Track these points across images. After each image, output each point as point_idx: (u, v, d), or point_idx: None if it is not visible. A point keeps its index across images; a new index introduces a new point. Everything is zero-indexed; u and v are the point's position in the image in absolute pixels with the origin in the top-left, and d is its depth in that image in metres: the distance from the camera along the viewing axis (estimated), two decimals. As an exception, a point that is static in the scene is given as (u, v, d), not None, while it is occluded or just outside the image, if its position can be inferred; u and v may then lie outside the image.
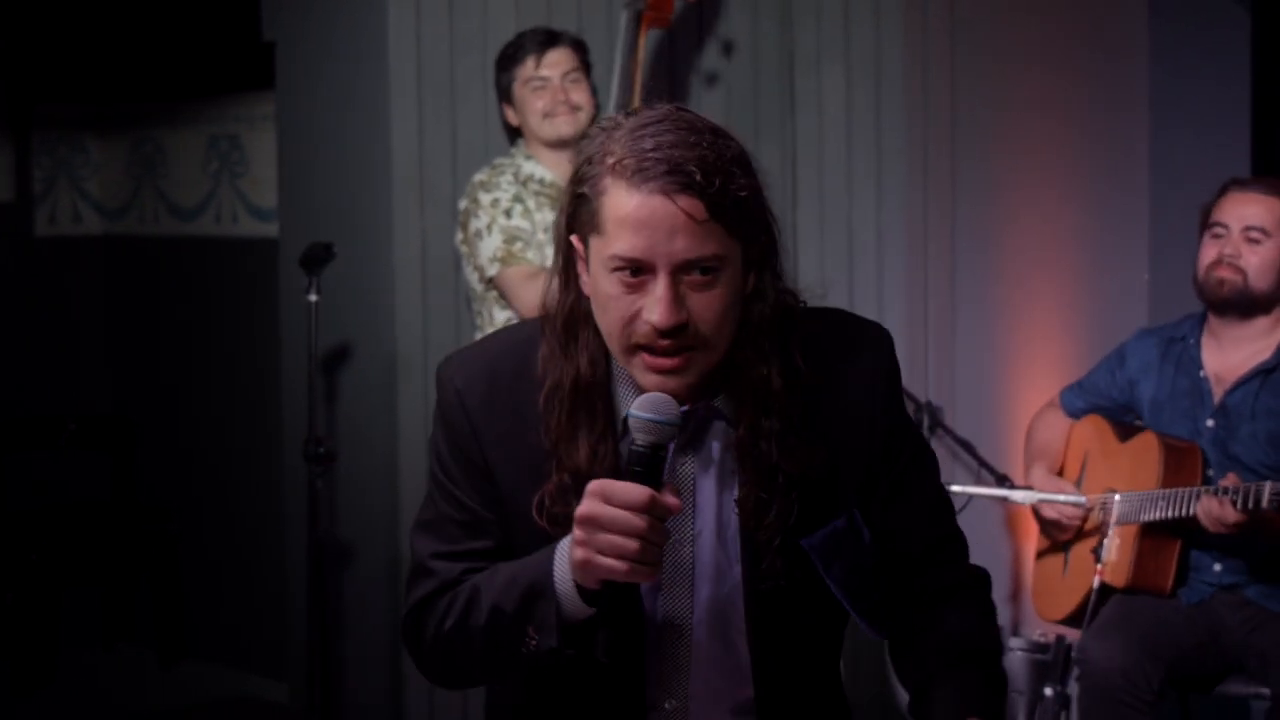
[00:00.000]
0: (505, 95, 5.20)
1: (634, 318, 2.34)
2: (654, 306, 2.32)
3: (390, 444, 5.33)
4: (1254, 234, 4.53)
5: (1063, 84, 5.43)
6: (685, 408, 2.39)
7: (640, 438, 2.29)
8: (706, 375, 2.40)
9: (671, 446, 2.34)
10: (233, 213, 6.85)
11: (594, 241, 2.37)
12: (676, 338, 2.33)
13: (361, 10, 5.37)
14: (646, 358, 2.35)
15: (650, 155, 2.32)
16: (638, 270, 2.33)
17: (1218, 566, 4.53)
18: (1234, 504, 4.23)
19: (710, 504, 2.46)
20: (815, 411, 2.45)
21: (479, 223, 5.04)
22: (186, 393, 7.08)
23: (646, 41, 5.16)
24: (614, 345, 2.39)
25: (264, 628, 6.51)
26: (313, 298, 5.14)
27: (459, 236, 5.13)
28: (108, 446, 7.17)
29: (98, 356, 7.39)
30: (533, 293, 4.99)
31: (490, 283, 5.05)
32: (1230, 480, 4.29)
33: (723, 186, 2.31)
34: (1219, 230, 4.56)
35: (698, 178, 2.30)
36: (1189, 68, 5.31)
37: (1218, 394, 4.58)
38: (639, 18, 5.10)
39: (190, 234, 7.05)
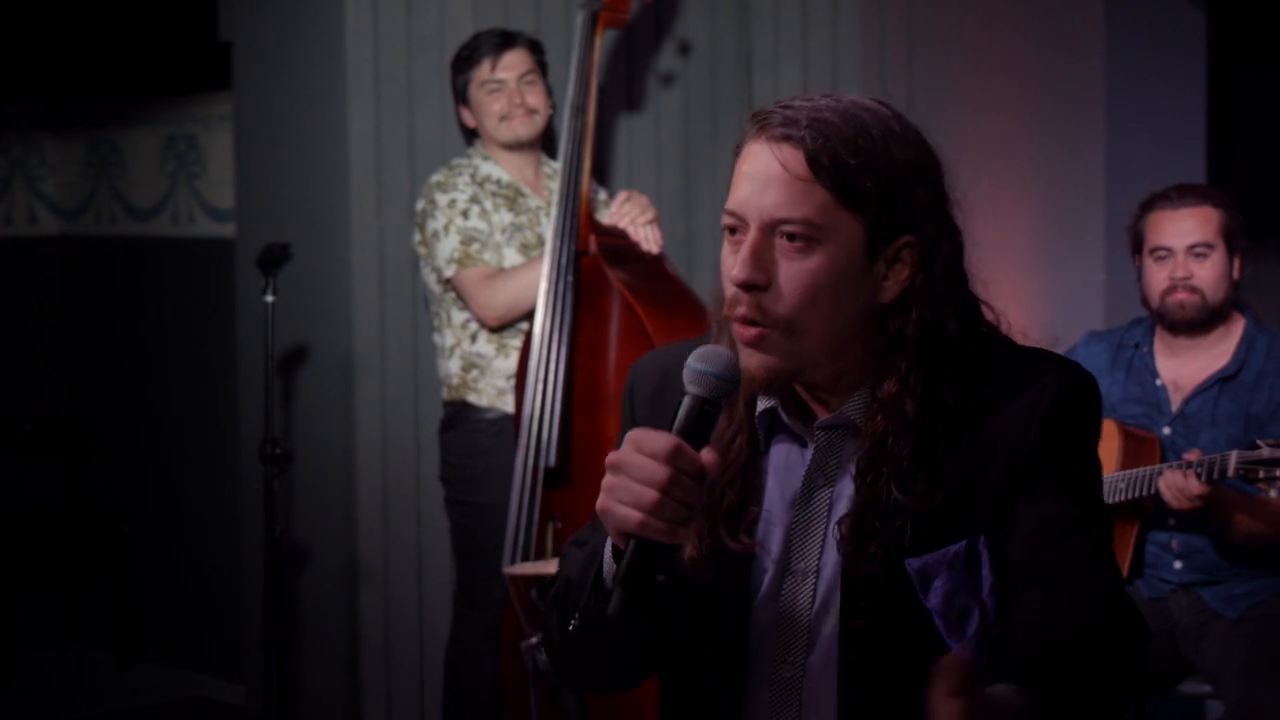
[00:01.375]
0: (461, 97, 5.20)
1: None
2: (736, 262, 2.18)
3: (347, 445, 5.32)
4: (1199, 249, 4.51)
5: (1019, 84, 5.44)
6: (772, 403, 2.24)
7: (689, 389, 2.09)
8: (799, 367, 2.20)
9: (722, 406, 2.12)
10: (189, 213, 6.82)
11: None
12: (750, 297, 2.16)
13: (318, 10, 5.36)
14: (734, 328, 2.19)
15: (775, 110, 2.19)
16: (736, 229, 2.20)
17: (1178, 564, 4.54)
18: (1198, 476, 4.23)
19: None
20: (953, 446, 2.19)
21: (436, 224, 5.04)
22: (142, 393, 7.05)
23: (603, 41, 5.16)
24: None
25: (220, 629, 6.49)
26: (269, 298, 5.12)
27: (416, 237, 5.13)
28: (63, 447, 7.14)
29: (54, 357, 7.36)
30: (490, 294, 4.98)
31: (448, 284, 5.04)
32: (1193, 455, 4.30)
33: (837, 152, 2.14)
34: (1162, 254, 4.54)
35: (804, 132, 2.14)
36: (1145, 69, 5.32)
37: (1176, 401, 4.59)
38: (595, 17, 5.10)
39: (147, 234, 7.02)
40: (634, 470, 2.05)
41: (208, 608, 6.69)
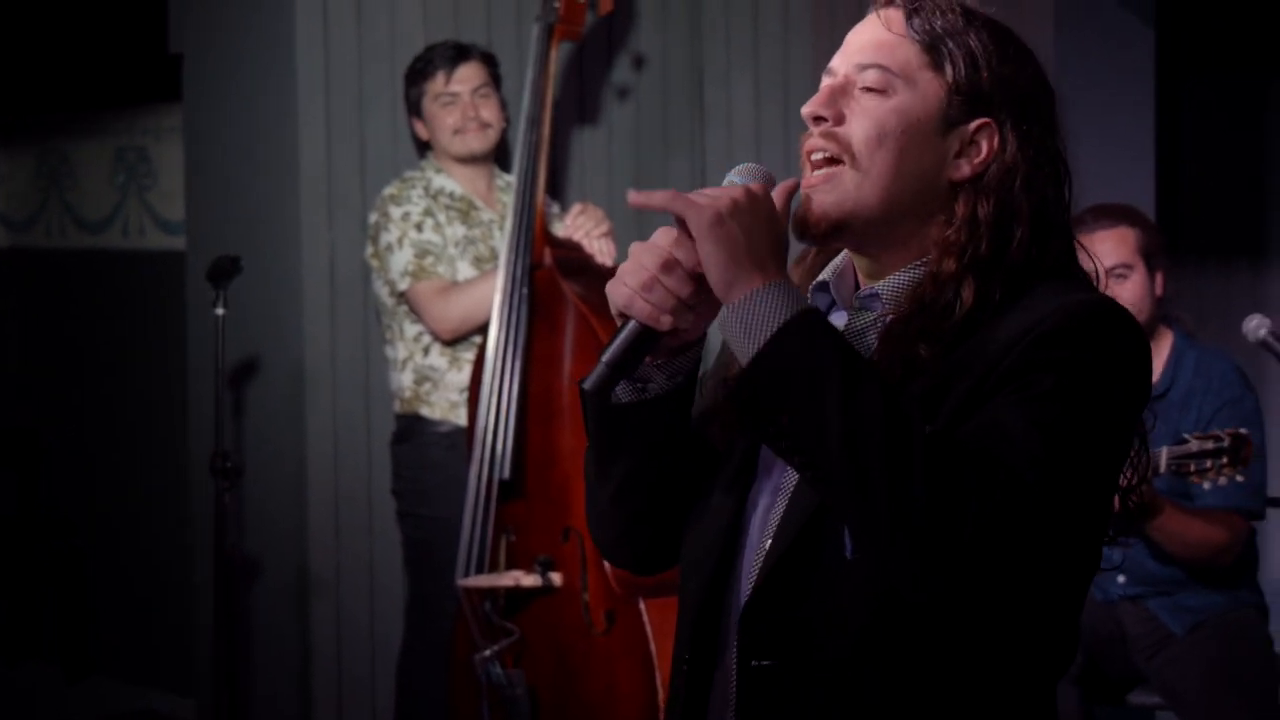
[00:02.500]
0: (415, 109, 5.19)
1: None
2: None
3: (298, 458, 5.30)
4: (1119, 271, 4.52)
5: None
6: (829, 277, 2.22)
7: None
8: (856, 213, 2.16)
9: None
10: (140, 226, 6.81)
11: None
12: (821, 132, 2.17)
13: (269, 22, 5.36)
14: (804, 174, 2.19)
15: None
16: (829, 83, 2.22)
17: (1121, 579, 4.57)
18: None
19: None
20: (967, 346, 2.10)
21: (389, 236, 5.03)
22: (93, 406, 7.02)
23: (558, 54, 5.16)
24: None
25: (171, 643, 6.47)
26: (220, 311, 5.11)
27: (369, 250, 5.12)
28: (13, 460, 7.11)
29: (4, 370, 7.33)
30: (444, 307, 4.99)
31: (401, 297, 5.04)
32: None
33: (934, 15, 2.19)
34: None
35: None
36: (1094, 87, 5.35)
37: None
38: (550, 30, 5.10)
39: (97, 247, 7.00)
40: (642, 253, 2.10)
41: (158, 621, 6.67)
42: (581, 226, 5.00)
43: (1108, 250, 4.52)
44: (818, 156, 2.18)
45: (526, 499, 4.75)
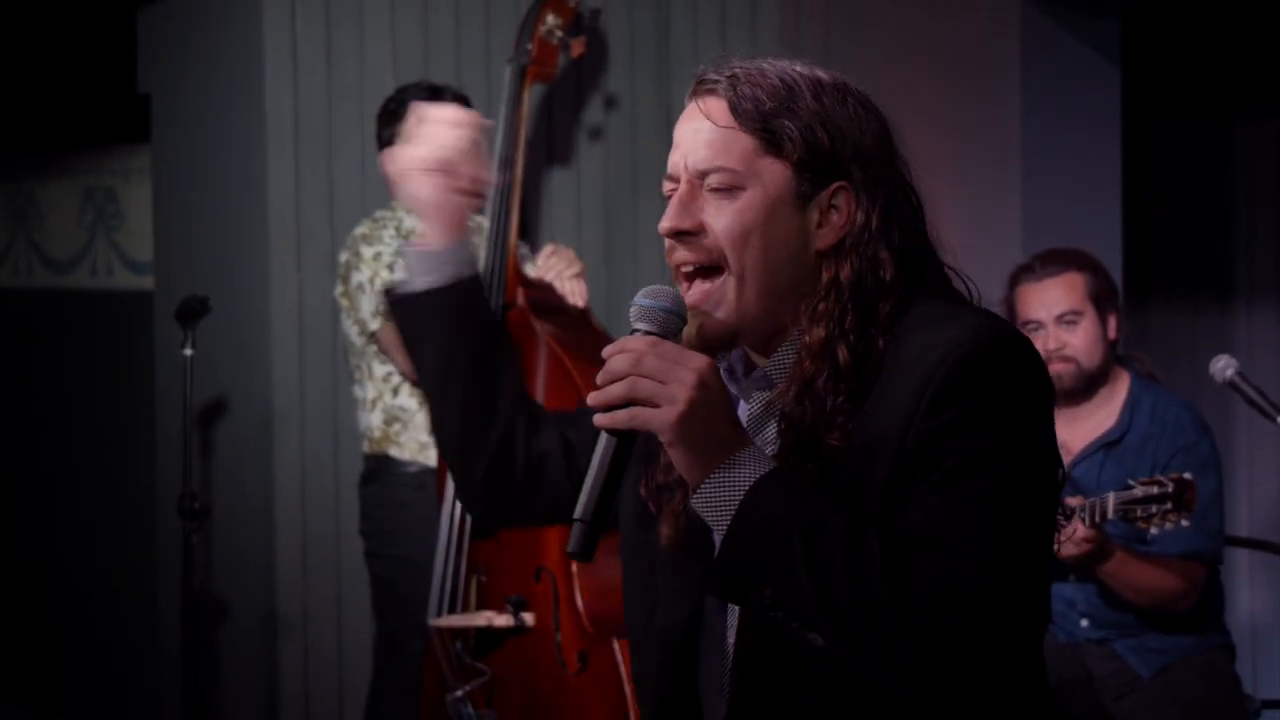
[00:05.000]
0: (387, 149, 5.19)
1: None
2: (665, 213, 2.21)
3: (266, 499, 5.29)
4: (1068, 318, 4.53)
5: (937, 138, 5.48)
6: (725, 363, 2.24)
7: (637, 325, 2.14)
8: (741, 322, 2.19)
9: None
10: (108, 265, 6.79)
11: None
12: (686, 245, 2.18)
13: (237, 63, 5.36)
14: (681, 289, 2.20)
15: (707, 68, 2.24)
16: (674, 191, 2.22)
17: (1085, 623, 4.56)
18: (1082, 520, 4.26)
19: None
20: (873, 395, 2.14)
21: (361, 276, 5.03)
22: (60, 446, 7.00)
23: (530, 95, 5.17)
24: None
25: (139, 683, 6.43)
26: (188, 351, 5.10)
27: (339, 289, 5.12)
28: (-22, 501, 7.08)
29: (-31, 410, 7.30)
30: (413, 349, 4.98)
31: (371, 337, 5.03)
32: (1075, 500, 4.33)
33: (758, 98, 2.17)
34: (1033, 326, 4.56)
35: (727, 81, 2.20)
36: (1061, 124, 5.38)
37: (1065, 463, 4.61)
38: (523, 72, 5.12)
39: (65, 286, 6.98)
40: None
41: (126, 661, 6.64)
42: (553, 268, 5.00)
43: (1055, 298, 4.53)
44: (688, 269, 2.20)
45: (498, 539, 4.74)
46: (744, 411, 2.24)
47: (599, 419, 2.09)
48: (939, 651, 2.01)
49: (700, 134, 2.20)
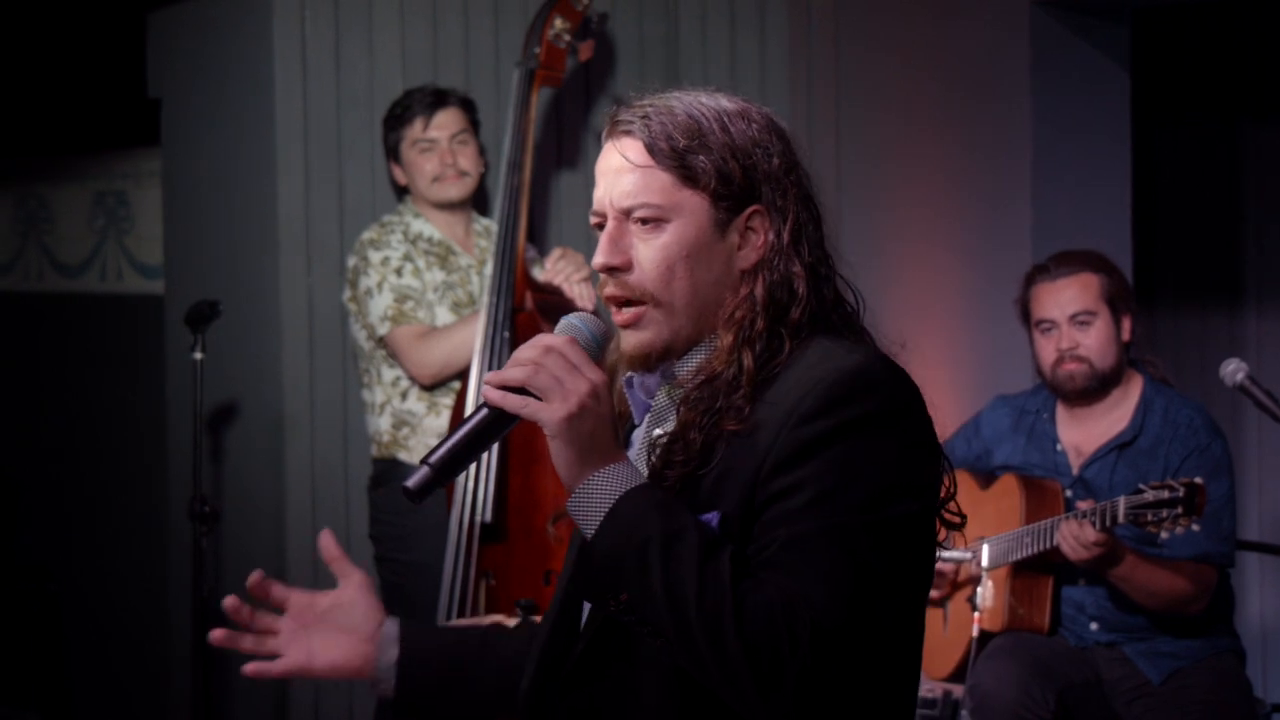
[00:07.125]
0: (393, 154, 5.20)
1: None
2: (597, 250, 2.34)
3: (277, 503, 5.29)
4: (1082, 318, 4.54)
5: (946, 144, 5.48)
6: (629, 376, 2.38)
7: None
8: (671, 342, 2.34)
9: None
10: (118, 270, 6.80)
11: None
12: (615, 282, 2.32)
13: (248, 67, 5.36)
14: (612, 315, 2.35)
15: (620, 109, 2.35)
16: (601, 225, 2.35)
17: (1094, 626, 4.56)
18: (1093, 524, 4.26)
19: None
20: (774, 389, 2.26)
21: (369, 281, 5.03)
22: (70, 451, 7.00)
23: (538, 99, 5.18)
24: None
25: (149, 689, 6.44)
26: (198, 355, 5.11)
27: (347, 294, 5.12)
28: (-11, 506, 7.09)
29: (-21, 414, 7.31)
30: (424, 352, 4.99)
31: (380, 341, 5.04)
32: (1087, 504, 4.33)
33: (671, 135, 2.30)
34: (1046, 326, 4.57)
35: (641, 122, 2.31)
36: (1070, 128, 5.37)
37: (1076, 465, 4.61)
38: (532, 76, 5.13)
39: (75, 291, 6.99)
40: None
41: (136, 668, 6.64)
42: (562, 271, 5.01)
43: (1069, 298, 4.54)
44: (620, 302, 2.33)
45: (507, 543, 4.74)
46: (651, 406, 2.39)
47: (490, 394, 2.21)
48: (774, 673, 2.11)
49: (621, 173, 2.32)
